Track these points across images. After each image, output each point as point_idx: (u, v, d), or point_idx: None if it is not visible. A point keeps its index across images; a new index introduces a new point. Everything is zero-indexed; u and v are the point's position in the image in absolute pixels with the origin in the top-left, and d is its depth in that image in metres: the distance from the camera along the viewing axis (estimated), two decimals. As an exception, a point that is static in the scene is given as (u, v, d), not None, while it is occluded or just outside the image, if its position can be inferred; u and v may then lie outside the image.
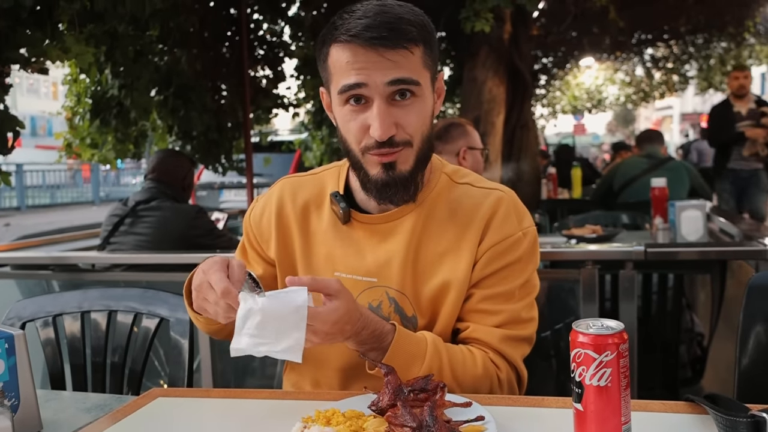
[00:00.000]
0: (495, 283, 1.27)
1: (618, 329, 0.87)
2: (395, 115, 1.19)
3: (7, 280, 3.16)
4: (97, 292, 1.73)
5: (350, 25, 1.15)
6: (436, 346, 1.21)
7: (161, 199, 3.02)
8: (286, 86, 6.07)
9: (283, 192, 1.41)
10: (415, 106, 1.21)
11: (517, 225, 1.28)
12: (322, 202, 1.37)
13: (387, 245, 1.29)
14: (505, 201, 1.30)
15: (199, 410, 1.21)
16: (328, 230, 1.34)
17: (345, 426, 0.97)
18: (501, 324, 1.27)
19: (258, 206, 1.44)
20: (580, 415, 0.89)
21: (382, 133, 1.17)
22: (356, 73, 1.16)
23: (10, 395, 1.12)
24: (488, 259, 1.26)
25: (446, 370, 1.19)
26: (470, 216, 1.28)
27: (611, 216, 4.19)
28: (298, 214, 1.37)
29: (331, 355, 1.32)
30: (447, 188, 1.33)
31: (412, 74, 1.18)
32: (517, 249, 1.27)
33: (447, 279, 1.26)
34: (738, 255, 2.42)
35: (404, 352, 1.16)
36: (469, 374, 1.21)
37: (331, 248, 1.33)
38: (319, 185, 1.40)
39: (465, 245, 1.27)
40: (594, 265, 2.22)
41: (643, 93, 15.78)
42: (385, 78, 1.16)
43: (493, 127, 6.06)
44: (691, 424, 1.01)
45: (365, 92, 1.17)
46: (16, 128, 2.73)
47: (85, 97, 4.36)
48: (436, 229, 1.29)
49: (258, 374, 3.19)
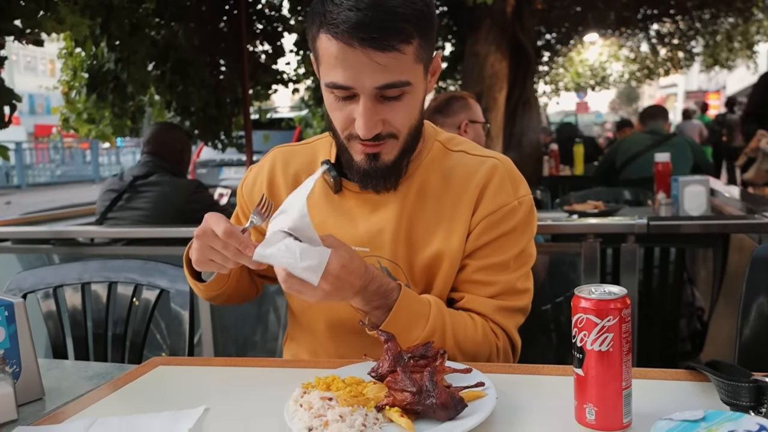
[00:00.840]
0: (489, 254, 1.25)
1: (620, 294, 0.87)
2: (382, 112, 1.15)
3: (8, 255, 3.16)
4: (97, 263, 1.73)
5: (340, 17, 1.07)
6: (439, 307, 1.20)
7: (160, 174, 3.00)
8: (286, 62, 6.03)
9: (275, 161, 1.39)
10: (404, 102, 1.16)
11: (512, 193, 1.26)
12: (314, 171, 1.35)
13: (379, 215, 1.28)
14: (500, 169, 1.27)
15: (199, 378, 1.21)
16: (320, 200, 1.33)
17: (345, 392, 0.96)
18: (496, 295, 1.26)
19: (251, 176, 1.43)
20: (580, 381, 0.88)
21: (367, 131, 1.14)
22: (343, 73, 1.10)
23: (11, 362, 1.12)
24: (482, 229, 1.24)
25: (448, 333, 1.19)
26: (464, 184, 1.26)
27: (613, 192, 4.17)
28: (290, 183, 1.35)
29: (331, 324, 1.32)
30: (440, 156, 1.30)
31: (403, 76, 1.12)
32: (513, 218, 1.25)
33: (440, 249, 1.25)
34: (741, 228, 2.41)
35: (409, 311, 1.15)
36: (470, 339, 1.21)
37: (324, 217, 1.31)
38: (311, 154, 1.38)
39: (459, 215, 1.25)
40: (596, 239, 2.21)
41: (648, 70, 15.67)
42: (374, 83, 1.10)
43: (495, 103, 6.02)
44: (692, 391, 1.01)
45: (353, 91, 1.13)
46: (13, 102, 2.71)
47: (81, 71, 4.33)
48: (429, 198, 1.27)
49: (258, 348, 3.21)
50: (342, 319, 1.27)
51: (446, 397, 0.90)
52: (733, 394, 0.88)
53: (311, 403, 0.92)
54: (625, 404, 0.86)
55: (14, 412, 1.06)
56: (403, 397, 0.91)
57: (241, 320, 3.16)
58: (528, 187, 1.31)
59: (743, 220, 2.48)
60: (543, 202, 4.41)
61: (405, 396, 0.91)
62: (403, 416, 0.90)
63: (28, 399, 1.14)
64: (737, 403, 0.87)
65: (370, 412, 0.92)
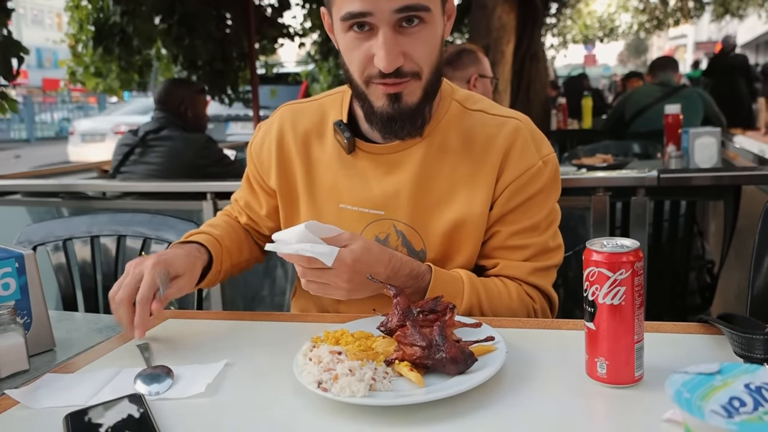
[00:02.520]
0: (520, 218, 1.23)
1: (633, 247, 0.85)
2: (402, 43, 1.10)
3: (17, 207, 3.18)
4: (105, 217, 1.73)
5: None
6: (472, 282, 1.19)
7: (170, 129, 3.03)
8: (292, 15, 5.96)
9: (284, 120, 1.35)
10: (425, 33, 1.11)
11: (536, 154, 1.22)
12: (324, 131, 1.31)
13: (395, 176, 1.24)
14: (522, 130, 1.23)
15: (209, 331, 1.22)
16: (332, 160, 1.28)
17: (354, 345, 0.96)
18: (530, 257, 1.24)
19: (259, 135, 1.39)
20: (592, 334, 0.88)
21: (388, 64, 1.08)
22: (359, 2, 1.06)
23: (22, 313, 1.13)
24: (510, 194, 1.21)
25: (485, 306, 1.18)
26: (486, 147, 1.22)
27: (622, 145, 4.13)
28: (299, 143, 1.32)
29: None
30: (458, 116, 1.26)
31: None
32: (539, 179, 1.22)
33: (462, 214, 1.22)
34: (753, 180, 2.38)
35: (443, 292, 1.14)
36: (505, 307, 1.20)
37: (336, 179, 1.28)
38: (321, 112, 1.33)
39: (481, 179, 1.22)
40: (605, 192, 2.19)
41: (657, 20, 15.35)
42: (392, 5, 1.06)
43: (503, 56, 5.92)
44: (704, 344, 1.00)
45: (370, 20, 1.08)
46: (20, 54, 2.68)
47: (87, 24, 4.28)
48: (448, 160, 1.23)
49: (266, 302, 3.23)
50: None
51: (456, 352, 0.89)
52: (747, 346, 0.87)
53: (320, 357, 0.92)
54: (636, 358, 0.86)
55: (26, 362, 1.07)
56: (412, 351, 0.91)
57: (249, 274, 3.17)
58: (550, 144, 1.27)
59: (755, 171, 2.45)
60: (551, 156, 4.37)
61: (414, 350, 0.91)
62: (413, 370, 0.90)
63: (39, 350, 1.15)
64: (751, 355, 0.87)
65: (380, 366, 0.91)
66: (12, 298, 1.12)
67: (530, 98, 6.85)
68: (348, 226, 1.24)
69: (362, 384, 0.86)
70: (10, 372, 1.05)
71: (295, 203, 1.33)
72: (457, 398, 0.85)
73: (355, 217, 1.26)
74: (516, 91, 6.68)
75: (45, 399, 0.94)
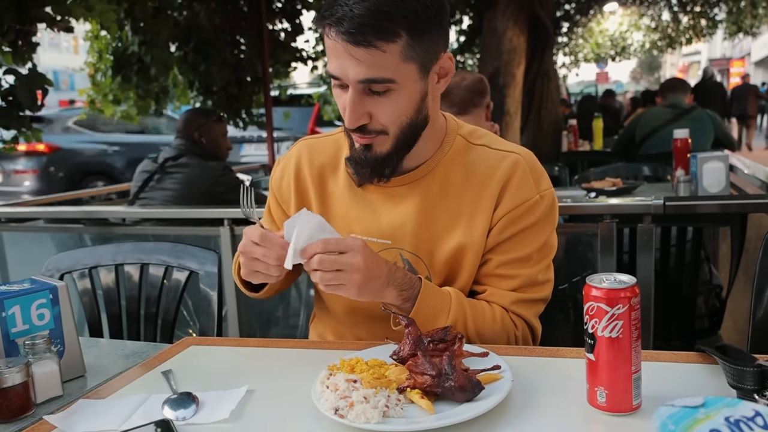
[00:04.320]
0: (511, 248, 1.29)
1: (630, 284, 0.91)
2: (368, 104, 1.17)
3: (41, 233, 3.27)
4: (129, 246, 1.80)
5: (330, 10, 1.12)
6: (459, 298, 1.26)
7: (189, 156, 3.11)
8: (305, 39, 6.05)
9: (301, 154, 1.43)
10: (390, 98, 1.17)
11: (534, 188, 1.28)
12: (338, 165, 1.39)
13: (401, 208, 1.31)
14: (521, 164, 1.29)
15: (230, 358, 1.28)
16: (345, 193, 1.36)
17: (368, 374, 1.02)
18: (517, 288, 1.29)
19: (278, 169, 1.48)
20: (592, 365, 0.93)
21: (350, 123, 1.18)
22: (335, 63, 1.15)
23: (56, 342, 1.20)
24: (504, 225, 1.27)
25: (469, 322, 1.24)
26: (486, 179, 1.29)
27: (632, 168, 4.15)
28: (315, 176, 1.39)
29: (350, 310, 1.38)
30: (462, 150, 1.32)
31: (384, 73, 1.13)
32: (534, 212, 1.28)
33: (462, 242, 1.28)
34: (759, 207, 2.42)
35: (432, 303, 1.21)
36: (488, 327, 1.26)
37: (348, 210, 1.35)
38: (336, 147, 1.41)
39: (481, 208, 1.28)
40: (612, 219, 2.23)
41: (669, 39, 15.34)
42: (356, 76, 1.14)
43: (513, 79, 5.99)
44: (701, 373, 1.05)
45: (342, 81, 1.17)
46: (45, 86, 2.79)
47: (106, 54, 4.41)
48: (451, 191, 1.30)
49: (281, 324, 3.30)
50: (359, 306, 1.31)
51: (464, 380, 0.95)
52: (738, 377, 0.92)
53: (337, 385, 0.98)
54: (634, 387, 0.91)
55: (60, 388, 1.14)
56: (423, 380, 0.97)
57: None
58: (549, 180, 1.33)
59: (761, 199, 2.48)
60: (561, 178, 4.41)
61: (425, 379, 0.97)
62: (424, 398, 0.96)
63: (71, 376, 1.22)
64: (743, 386, 0.91)
65: (393, 393, 0.98)
66: (47, 327, 1.20)
67: (541, 117, 6.91)
68: None
69: (376, 411, 0.92)
70: (45, 397, 1.12)
71: None
72: (465, 424, 0.91)
73: None
74: (527, 110, 6.74)
75: (80, 424, 1.00)
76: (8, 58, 2.87)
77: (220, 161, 3.22)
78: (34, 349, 1.11)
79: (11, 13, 2.64)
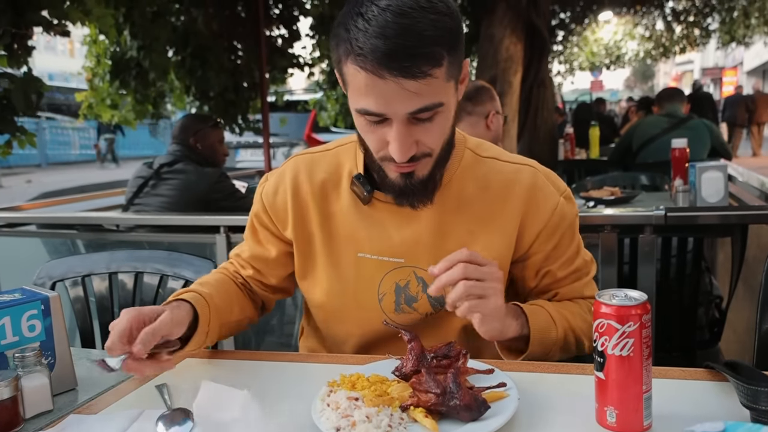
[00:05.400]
0: (562, 251, 1.31)
1: (641, 300, 0.88)
2: (415, 133, 1.11)
3: (32, 239, 3.22)
4: (124, 253, 1.77)
5: (367, 47, 1.02)
6: (548, 305, 1.27)
7: (185, 162, 3.07)
8: (302, 45, 6.05)
9: (298, 170, 1.35)
10: (437, 121, 1.12)
11: (555, 192, 1.30)
12: (339, 181, 1.33)
13: (413, 225, 1.26)
14: (538, 175, 1.30)
15: (226, 371, 1.24)
16: (349, 210, 1.30)
17: (370, 390, 0.99)
18: (579, 276, 1.34)
19: (270, 184, 1.38)
20: (601, 384, 0.91)
21: (401, 155, 1.11)
22: (375, 101, 1.06)
23: (46, 354, 1.16)
24: (546, 236, 1.28)
25: (573, 323, 1.26)
26: (504, 193, 1.27)
27: (630, 177, 4.15)
28: (317, 194, 1.32)
29: (361, 345, 1.35)
30: (472, 164, 1.29)
31: (436, 98, 1.08)
32: (565, 213, 1.30)
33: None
34: (760, 219, 2.40)
35: (540, 319, 1.22)
36: (583, 320, 1.29)
37: (354, 229, 1.30)
38: (335, 162, 1.34)
39: (500, 224, 1.26)
40: (613, 230, 2.21)
41: (663, 48, 15.45)
42: (407, 109, 1.06)
43: (510, 87, 6.00)
44: (711, 391, 1.03)
45: (384, 116, 1.09)
46: (40, 90, 2.76)
47: (104, 58, 4.39)
48: (465, 207, 1.27)
49: (277, 332, 3.26)
50: (373, 340, 1.31)
51: (469, 399, 0.92)
52: (752, 398, 0.89)
53: (338, 403, 0.95)
54: (645, 407, 0.89)
55: (50, 402, 1.10)
56: (427, 398, 0.94)
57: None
58: (557, 175, 1.35)
59: (762, 210, 2.47)
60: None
61: (429, 397, 0.94)
62: (428, 417, 0.93)
63: (62, 389, 1.18)
64: (757, 407, 0.89)
65: (395, 412, 0.94)
66: (37, 339, 1.16)
67: (537, 125, 6.92)
68: (367, 275, 1.28)
69: (379, 430, 0.89)
70: (35, 412, 1.08)
71: (312, 253, 1.35)
72: (470, 445, 0.88)
73: (374, 266, 1.28)
74: (524, 118, 6.75)
75: (70, 441, 0.97)
76: (3, 61, 2.84)
77: (216, 167, 3.18)
78: (24, 362, 1.07)
79: (7, 16, 2.61)
